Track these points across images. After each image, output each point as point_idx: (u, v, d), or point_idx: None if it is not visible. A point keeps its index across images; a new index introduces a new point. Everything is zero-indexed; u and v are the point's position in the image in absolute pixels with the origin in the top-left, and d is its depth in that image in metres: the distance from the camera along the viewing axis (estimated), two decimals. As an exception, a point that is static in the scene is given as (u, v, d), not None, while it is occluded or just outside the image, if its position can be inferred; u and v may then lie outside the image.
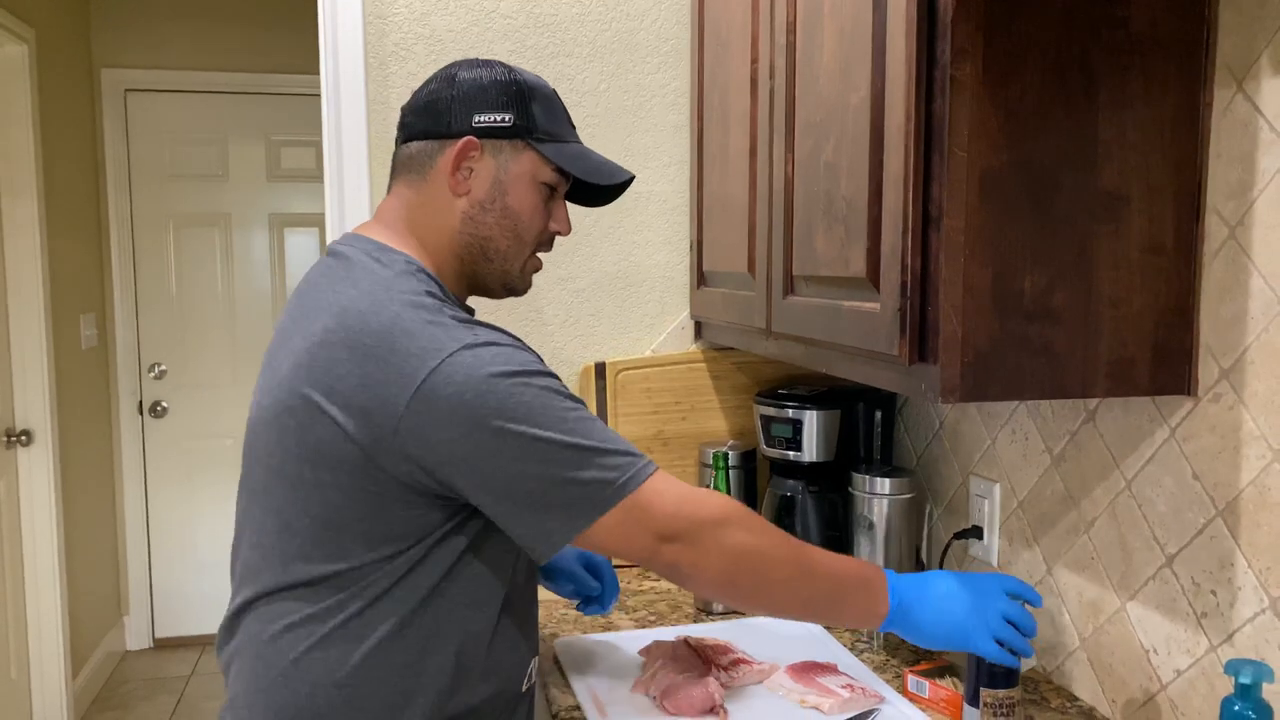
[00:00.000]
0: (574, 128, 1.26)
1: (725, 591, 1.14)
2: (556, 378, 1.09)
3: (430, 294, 1.11)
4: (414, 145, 1.21)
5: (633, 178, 1.28)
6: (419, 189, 1.20)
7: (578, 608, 1.47)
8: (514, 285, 1.25)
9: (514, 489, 1.04)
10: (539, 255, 1.26)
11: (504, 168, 1.18)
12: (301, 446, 1.07)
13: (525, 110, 1.18)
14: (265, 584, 1.12)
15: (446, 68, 1.22)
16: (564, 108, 1.24)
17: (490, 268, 1.22)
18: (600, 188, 1.28)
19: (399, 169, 1.23)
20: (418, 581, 1.09)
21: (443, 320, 1.07)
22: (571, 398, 1.08)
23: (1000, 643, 1.18)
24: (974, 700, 1.24)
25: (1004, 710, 1.23)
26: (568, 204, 1.29)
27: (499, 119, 1.17)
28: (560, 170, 1.22)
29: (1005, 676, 1.22)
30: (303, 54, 3.74)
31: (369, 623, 1.09)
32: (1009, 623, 1.20)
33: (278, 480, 1.10)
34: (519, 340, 1.11)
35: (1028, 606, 1.25)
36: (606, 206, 1.96)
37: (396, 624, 1.09)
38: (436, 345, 1.03)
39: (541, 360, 1.10)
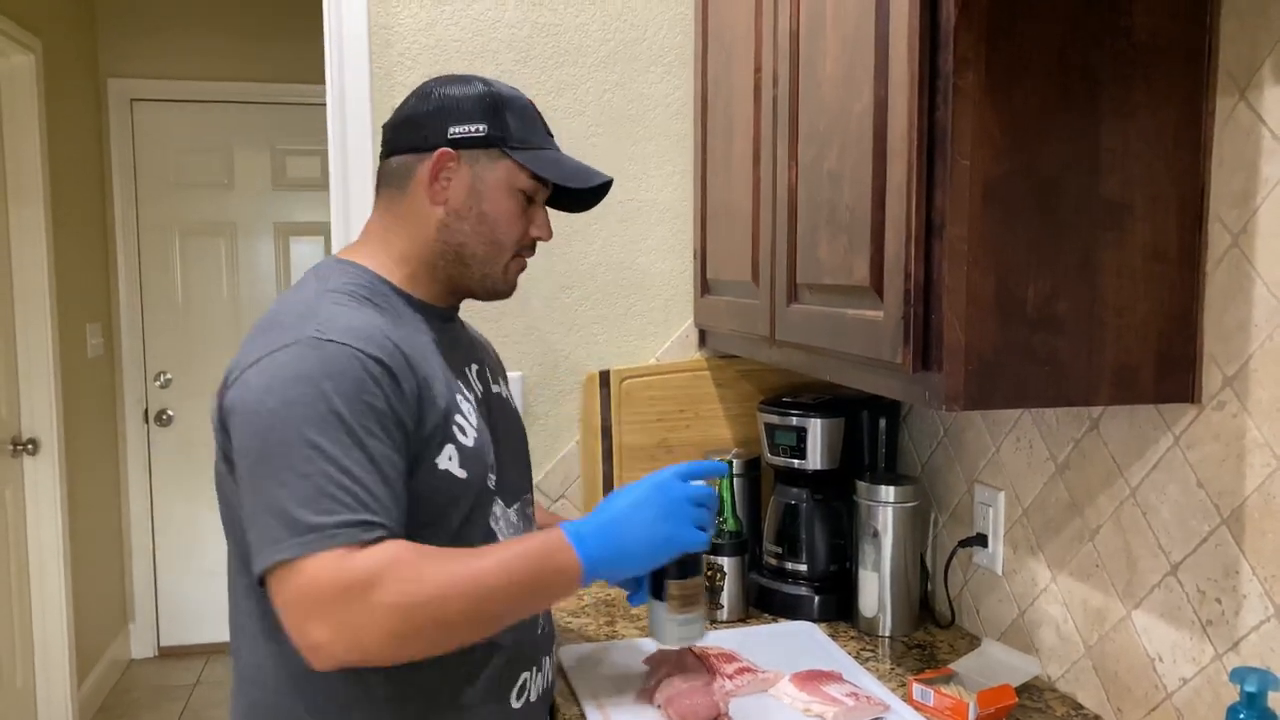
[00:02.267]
0: (550, 135, 1.30)
1: (401, 653, 1.02)
2: (378, 389, 1.07)
3: (352, 290, 1.17)
4: (394, 160, 1.25)
5: (610, 181, 1.30)
6: (399, 201, 1.25)
7: (629, 598, 1.36)
8: (496, 288, 1.28)
9: (243, 495, 1.07)
10: (523, 259, 1.29)
11: (480, 176, 1.22)
12: (216, 441, 1.15)
13: (499, 120, 1.22)
14: (230, 579, 1.20)
15: (423, 84, 1.27)
16: (539, 116, 1.28)
17: (469, 272, 1.25)
18: (581, 194, 1.31)
19: (380, 184, 1.28)
20: None
21: (321, 312, 1.11)
22: (354, 434, 1.03)
23: (701, 528, 1.17)
24: (659, 593, 1.26)
25: (691, 600, 1.27)
26: (553, 210, 1.33)
27: (473, 129, 1.21)
28: (536, 177, 1.24)
29: (692, 565, 1.25)
30: (307, 64, 3.75)
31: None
32: (698, 503, 1.17)
33: (221, 478, 1.17)
34: (373, 334, 1.10)
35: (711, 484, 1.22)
36: (610, 215, 1.97)
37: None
38: (288, 333, 1.08)
39: (377, 362, 1.08)
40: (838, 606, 1.73)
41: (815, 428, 1.76)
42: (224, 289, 4.29)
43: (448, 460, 1.14)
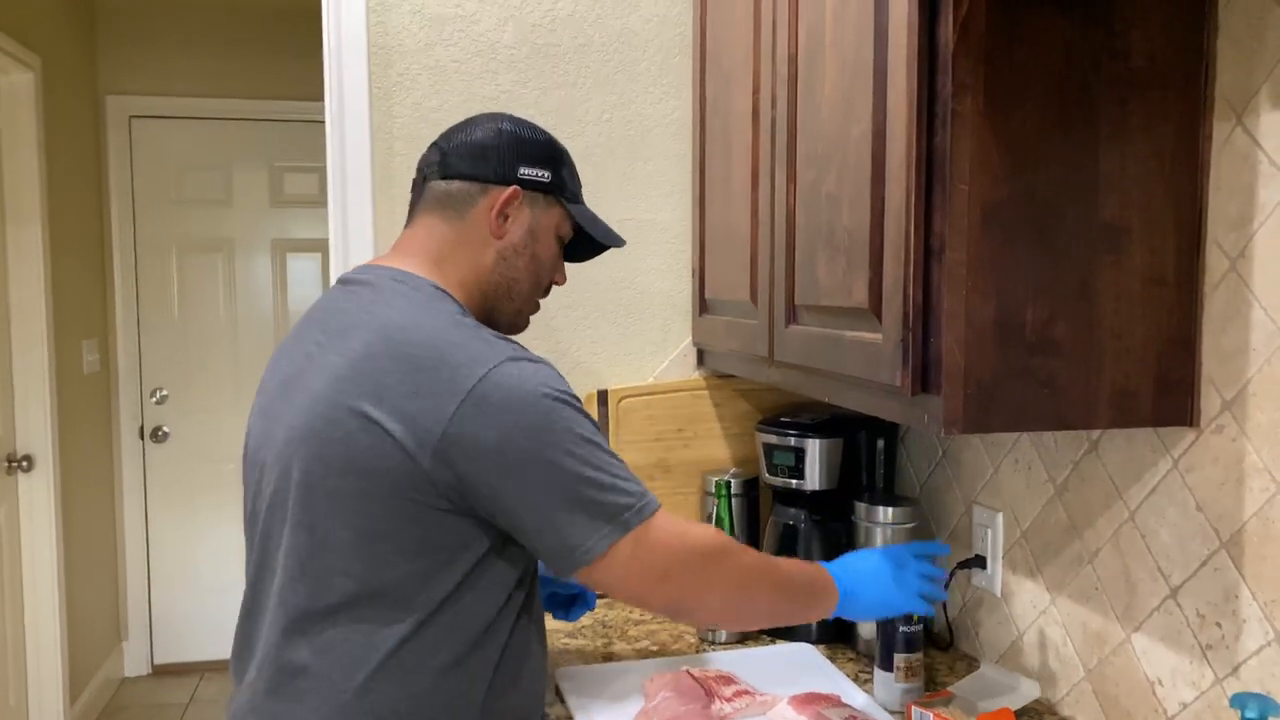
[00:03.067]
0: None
1: (720, 620, 1.31)
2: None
3: (465, 314, 1.19)
4: (455, 184, 1.27)
5: (622, 243, 1.39)
6: (456, 226, 1.26)
7: (555, 615, 1.50)
8: (519, 324, 1.35)
9: (541, 502, 1.09)
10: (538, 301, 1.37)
11: (537, 219, 1.29)
12: (344, 459, 1.09)
13: (559, 170, 1.30)
14: (303, 605, 1.11)
15: (490, 117, 1.31)
16: (577, 171, 1.37)
17: (510, 306, 1.31)
18: (583, 247, 1.39)
19: (432, 203, 1.27)
20: (472, 606, 1.13)
21: (484, 335, 1.14)
22: (596, 427, 1.15)
23: (925, 597, 1.36)
24: (887, 665, 1.45)
25: (914, 672, 1.45)
26: (567, 257, 1.40)
27: (540, 174, 1.28)
28: (577, 228, 1.34)
29: (914, 641, 1.44)
30: (305, 81, 3.76)
31: (426, 647, 1.11)
32: (927, 578, 1.36)
33: (313, 496, 1.11)
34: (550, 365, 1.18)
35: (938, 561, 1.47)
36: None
37: (451, 651, 1.12)
38: (484, 356, 1.10)
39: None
40: (836, 628, 1.73)
41: (814, 448, 1.76)
42: (221, 306, 4.29)
43: None
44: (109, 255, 4.12)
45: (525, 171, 1.27)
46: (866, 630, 1.66)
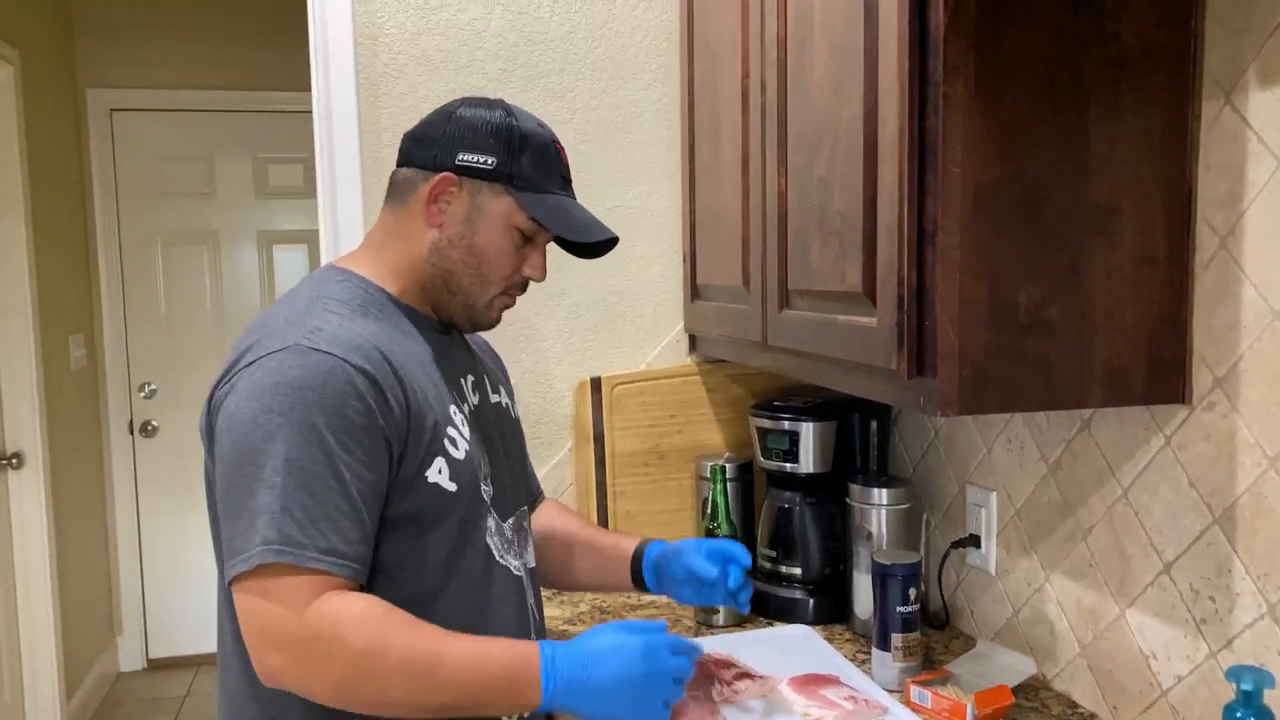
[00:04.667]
0: (567, 181, 1.27)
1: (340, 704, 1.06)
2: (361, 402, 1.07)
3: (360, 298, 1.19)
4: (402, 171, 1.25)
5: (616, 239, 1.28)
6: (399, 214, 1.25)
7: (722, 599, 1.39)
8: (478, 320, 1.27)
9: (219, 501, 1.10)
10: (512, 296, 1.28)
11: (478, 207, 1.21)
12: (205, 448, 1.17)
13: (512, 156, 1.20)
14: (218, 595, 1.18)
15: (452, 102, 1.26)
16: (559, 159, 1.25)
17: (452, 300, 1.25)
18: (582, 244, 1.28)
19: (389, 192, 1.28)
20: None
21: (303, 318, 1.12)
22: (327, 448, 1.05)
23: (667, 704, 1.13)
24: (884, 644, 1.46)
25: (912, 652, 1.45)
26: (564, 250, 1.31)
27: (482, 160, 1.20)
28: (537, 220, 1.22)
29: (911, 621, 1.45)
30: (288, 71, 3.74)
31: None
32: (678, 682, 1.15)
33: (207, 494, 1.18)
34: (361, 348, 1.10)
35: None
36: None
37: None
38: (267, 342, 1.10)
39: (362, 374, 1.08)
40: (833, 609, 1.74)
41: (807, 431, 1.77)
42: (207, 298, 4.27)
43: (437, 473, 1.14)
44: (93, 250, 4.09)
45: (464, 157, 1.20)
46: (863, 611, 1.68)
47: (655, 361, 2.03)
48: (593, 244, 1.28)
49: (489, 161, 1.20)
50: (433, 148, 1.22)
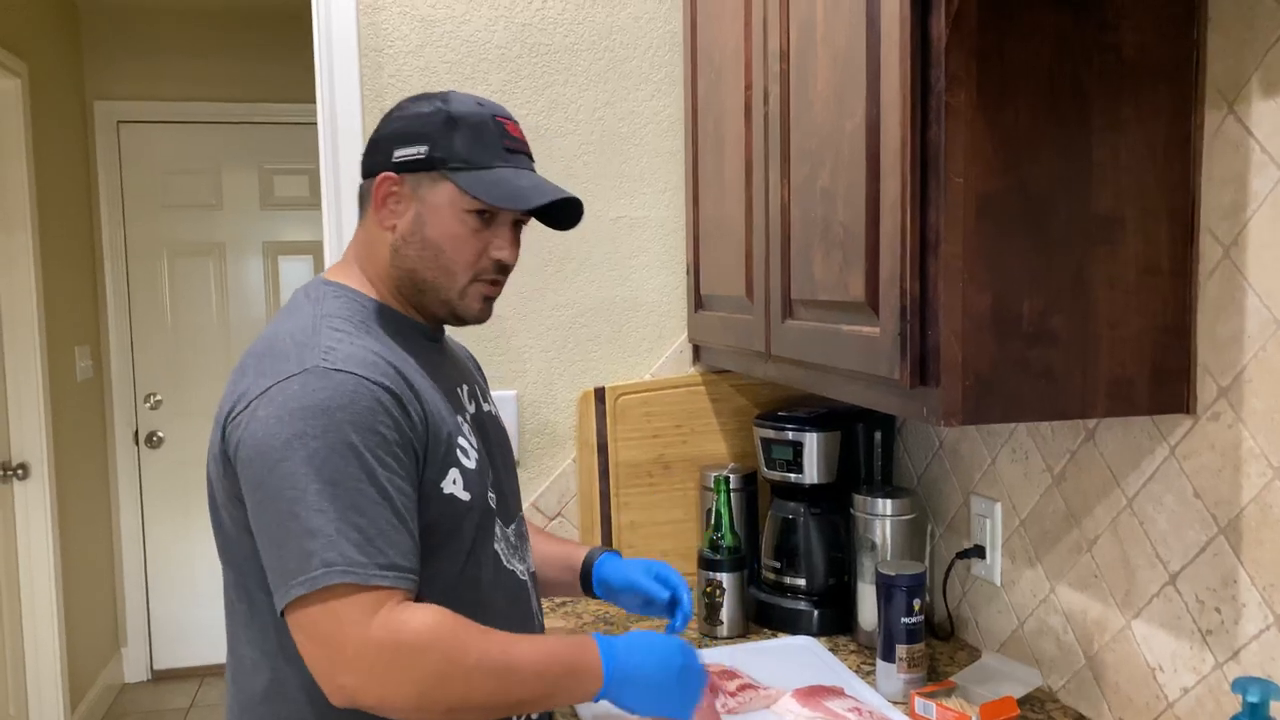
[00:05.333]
0: (514, 151, 1.20)
1: (418, 715, 1.06)
2: (389, 418, 1.07)
3: (357, 311, 1.18)
4: (361, 183, 1.25)
5: (576, 200, 1.23)
6: (365, 225, 1.25)
7: (668, 628, 1.39)
8: (460, 313, 1.23)
9: (259, 529, 1.07)
10: (488, 282, 1.23)
11: (422, 199, 1.18)
12: (214, 472, 1.15)
13: (445, 140, 1.17)
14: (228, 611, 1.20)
15: (392, 107, 1.24)
16: (501, 130, 1.20)
17: (426, 298, 1.22)
18: (563, 210, 1.24)
19: (358, 205, 1.28)
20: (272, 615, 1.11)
21: (315, 338, 1.11)
22: (367, 466, 1.05)
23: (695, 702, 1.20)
24: (889, 656, 1.47)
25: (916, 663, 1.46)
26: (544, 227, 1.27)
27: (415, 152, 1.17)
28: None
29: (915, 632, 1.45)
30: (293, 83, 3.76)
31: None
32: (700, 690, 1.21)
33: (214, 506, 1.18)
34: (377, 366, 1.10)
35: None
36: (603, 231, 1.98)
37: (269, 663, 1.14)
38: (280, 368, 1.08)
39: (386, 391, 1.08)
40: (837, 620, 1.74)
41: (811, 441, 1.76)
42: (213, 309, 4.28)
43: (452, 484, 1.15)
44: (99, 261, 4.10)
45: (399, 154, 1.17)
46: (868, 622, 1.67)
47: (659, 372, 2.03)
48: (563, 214, 1.24)
49: (421, 151, 1.17)
50: (376, 153, 1.21)
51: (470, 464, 1.17)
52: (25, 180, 3.30)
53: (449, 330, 1.33)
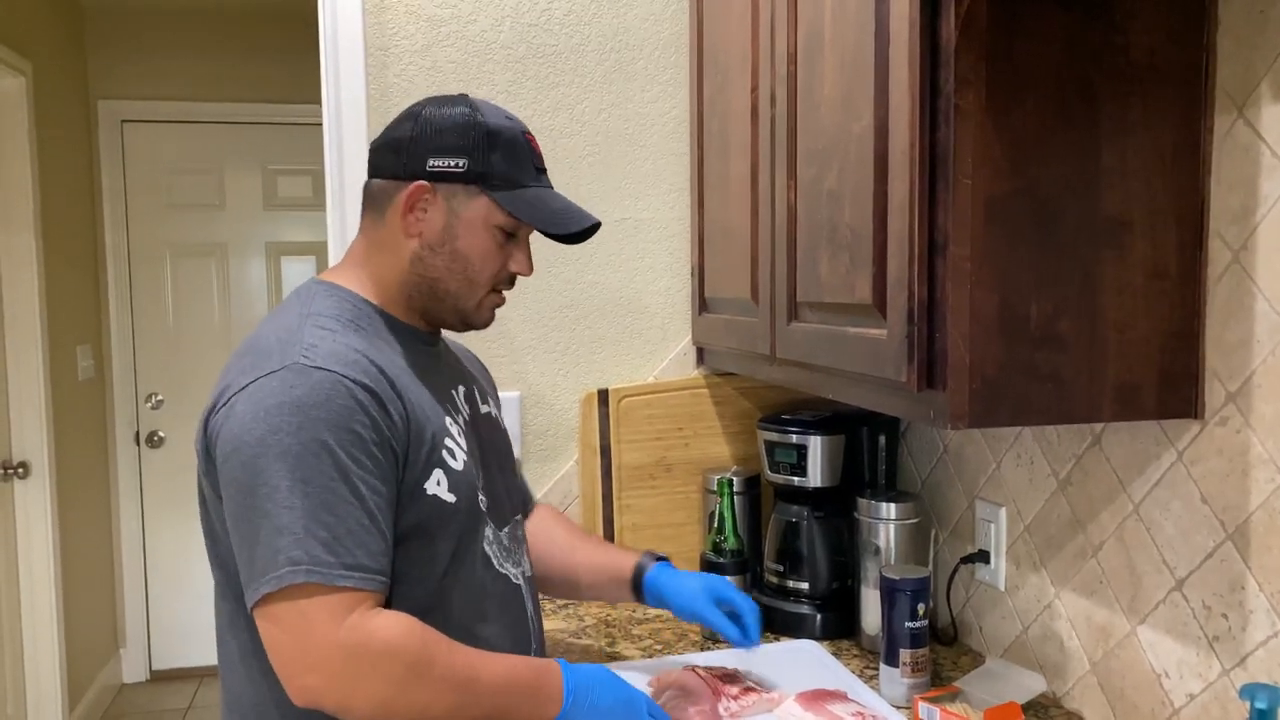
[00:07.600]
0: (541, 170, 1.25)
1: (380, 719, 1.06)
2: (367, 416, 1.07)
3: (350, 312, 1.18)
4: (376, 183, 1.24)
5: (598, 224, 1.26)
6: (377, 226, 1.23)
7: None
8: (471, 321, 1.26)
9: (233, 526, 1.07)
10: (501, 293, 1.26)
11: (455, 212, 1.19)
12: (200, 469, 1.15)
13: (483, 155, 1.18)
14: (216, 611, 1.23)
15: (413, 105, 1.24)
16: (531, 149, 1.23)
17: (442, 305, 1.23)
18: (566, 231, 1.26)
19: (365, 203, 1.26)
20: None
21: (298, 336, 1.11)
22: (341, 465, 1.04)
23: None
24: (893, 660, 1.46)
25: (920, 668, 1.45)
26: (553, 239, 1.28)
27: (453, 164, 1.18)
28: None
29: (919, 637, 1.44)
30: (298, 84, 3.76)
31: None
32: None
33: (202, 514, 1.18)
34: (357, 363, 1.10)
35: None
36: (607, 233, 1.98)
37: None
38: (263, 363, 1.08)
39: (364, 389, 1.08)
40: (841, 624, 1.73)
41: (815, 445, 1.76)
42: (215, 310, 4.28)
43: (436, 485, 1.14)
44: (102, 261, 4.10)
45: (435, 163, 1.17)
46: (871, 626, 1.66)
47: (663, 374, 2.03)
48: (579, 231, 1.26)
49: (461, 164, 1.17)
50: (402, 155, 1.19)
51: (457, 465, 1.17)
52: (28, 179, 3.30)
53: (451, 334, 1.33)
